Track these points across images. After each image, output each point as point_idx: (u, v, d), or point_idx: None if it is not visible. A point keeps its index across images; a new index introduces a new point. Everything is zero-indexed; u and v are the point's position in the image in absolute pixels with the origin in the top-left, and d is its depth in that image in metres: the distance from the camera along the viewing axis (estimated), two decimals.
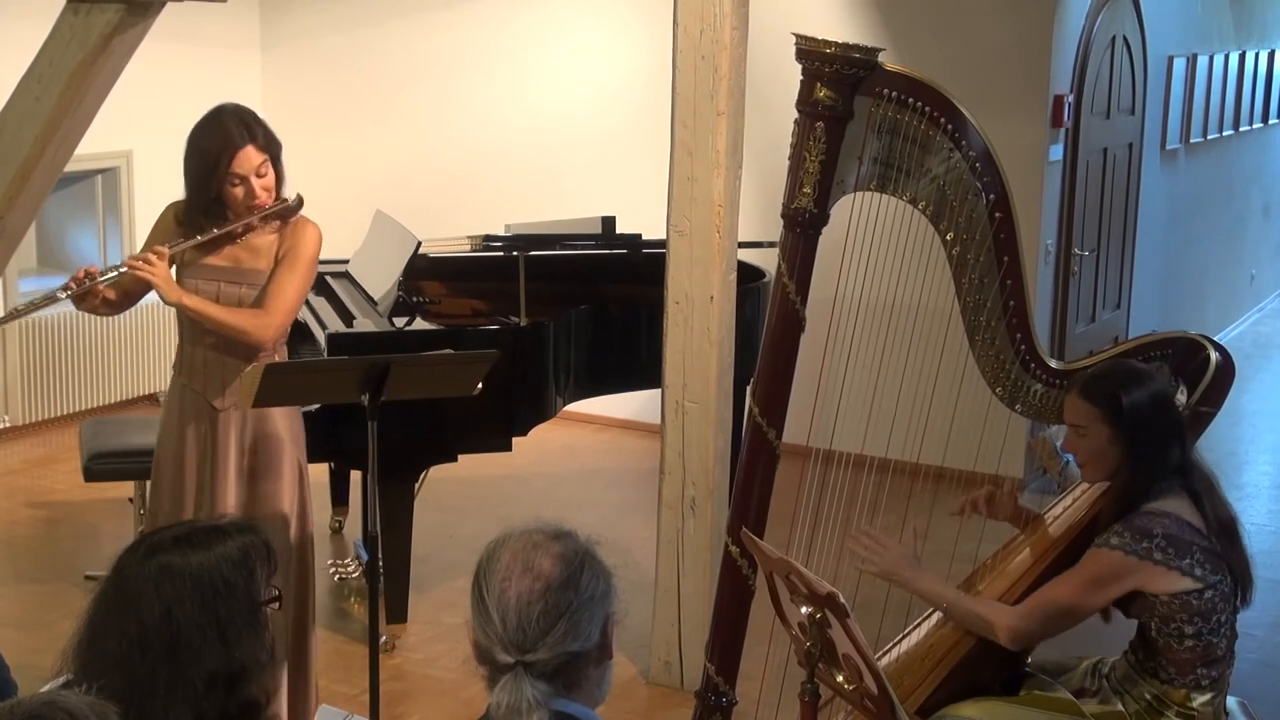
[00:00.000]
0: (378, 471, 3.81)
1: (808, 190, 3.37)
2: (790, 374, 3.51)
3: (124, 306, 3.91)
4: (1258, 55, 9.82)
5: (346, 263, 5.52)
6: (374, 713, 3.90)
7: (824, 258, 3.44)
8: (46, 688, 2.10)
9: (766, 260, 5.34)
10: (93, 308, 3.81)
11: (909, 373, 3.47)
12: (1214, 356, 3.45)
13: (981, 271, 3.36)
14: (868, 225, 3.30)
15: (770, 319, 3.54)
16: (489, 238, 5.34)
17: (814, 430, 3.53)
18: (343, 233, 3.96)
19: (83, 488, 5.61)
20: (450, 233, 5.55)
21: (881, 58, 3.35)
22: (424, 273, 5.54)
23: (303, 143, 3.83)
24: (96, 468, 5.01)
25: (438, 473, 5.12)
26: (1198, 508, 3.11)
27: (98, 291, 3.75)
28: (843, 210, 3.38)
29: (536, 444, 5.65)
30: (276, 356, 3.82)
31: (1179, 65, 8.21)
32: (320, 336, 4.87)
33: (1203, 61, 8.57)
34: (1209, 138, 8.94)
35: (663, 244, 4.52)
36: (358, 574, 5.32)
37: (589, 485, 6.70)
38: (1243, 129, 9.69)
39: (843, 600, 2.59)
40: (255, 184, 3.70)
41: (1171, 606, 3.06)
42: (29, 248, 7.46)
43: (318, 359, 4.68)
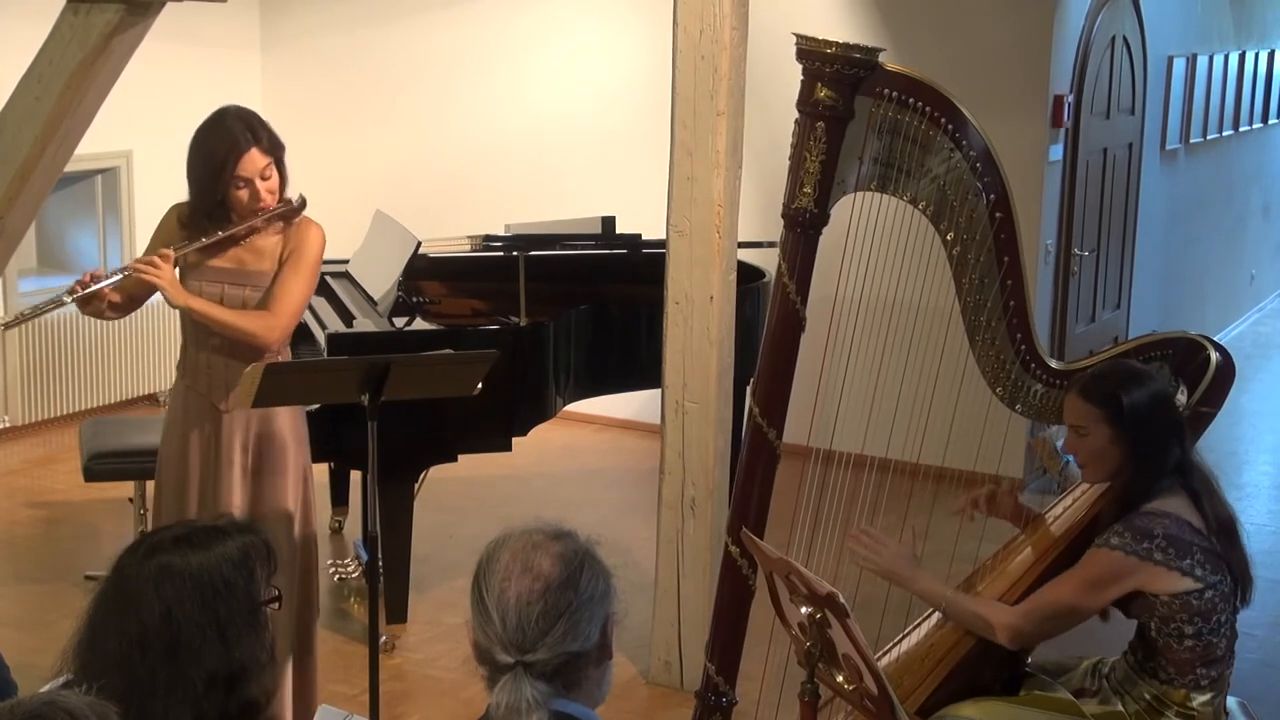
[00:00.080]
0: (378, 471, 3.81)
1: (808, 190, 3.37)
2: (790, 374, 3.51)
3: (128, 310, 3.90)
4: (1258, 55, 9.81)
5: (346, 263, 5.52)
6: (374, 713, 3.90)
7: (824, 258, 3.44)
8: (46, 688, 2.10)
9: (766, 260, 5.34)
10: (97, 311, 3.79)
11: (909, 373, 3.47)
12: (1214, 356, 3.45)
13: (982, 271, 3.36)
14: (868, 225, 3.30)
15: (770, 319, 3.54)
16: (489, 238, 5.33)
17: (814, 430, 3.53)
18: (343, 233, 3.96)
19: (83, 488, 5.61)
20: (450, 233, 5.55)
21: (882, 58, 3.35)
22: (424, 273, 5.54)
23: (303, 143, 3.83)
24: (96, 468, 5.01)
25: (438, 473, 5.11)
26: (1197, 507, 3.11)
27: (103, 295, 3.74)
28: (843, 210, 3.38)
29: (536, 444, 5.65)
30: (280, 357, 3.83)
31: (1179, 65, 8.21)
32: (320, 336, 4.87)
33: (1203, 61, 8.56)
34: (1209, 138, 8.93)
35: (663, 244, 4.52)
36: (358, 574, 5.32)
37: (589, 485, 6.70)
38: (1243, 129, 9.68)
39: (843, 600, 2.59)
40: (260, 186, 3.69)
41: (1171, 607, 3.06)
42: (29, 248, 7.46)
43: (318, 359, 4.68)
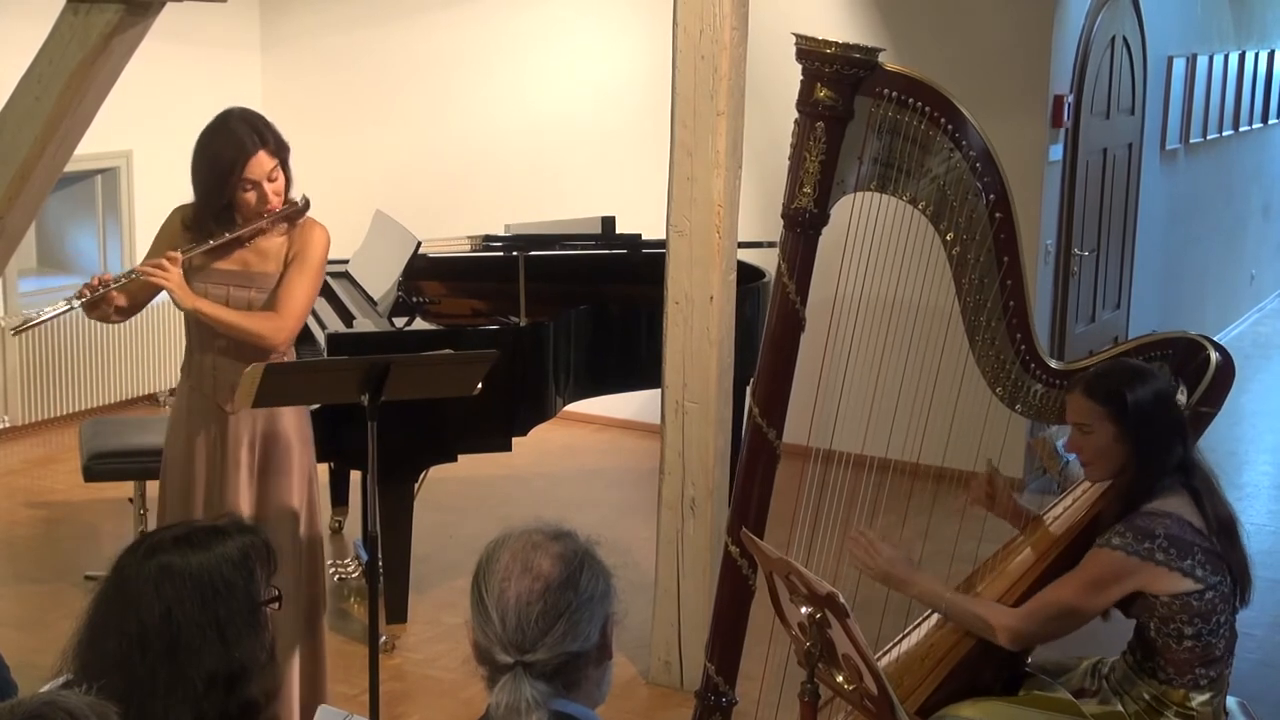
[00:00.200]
0: (378, 471, 3.81)
1: (808, 190, 3.37)
2: (790, 374, 3.51)
3: (132, 313, 3.90)
4: (1258, 55, 9.81)
5: (346, 263, 5.52)
6: (374, 713, 3.90)
7: (824, 258, 3.44)
8: (46, 688, 2.10)
9: (766, 260, 5.34)
10: (104, 315, 3.79)
11: (909, 373, 3.47)
12: (1214, 356, 3.45)
13: (981, 271, 3.36)
14: (868, 225, 3.30)
15: (770, 319, 3.54)
16: (489, 238, 5.33)
17: (814, 430, 3.53)
18: (343, 233, 3.96)
19: (83, 488, 5.61)
20: (450, 233, 5.55)
21: (881, 58, 3.35)
22: (424, 273, 5.54)
23: (303, 143, 3.83)
24: (96, 468, 5.01)
25: (438, 473, 5.11)
26: (1198, 507, 3.11)
27: (111, 299, 3.73)
28: (843, 210, 3.38)
29: (536, 444, 5.65)
30: (285, 358, 3.83)
31: (1179, 65, 8.21)
32: (320, 336, 4.87)
33: (1202, 61, 8.56)
34: (1209, 138, 8.93)
35: (663, 244, 4.51)
36: (358, 574, 5.32)
37: (589, 485, 6.70)
38: (1242, 129, 9.68)
39: (842, 600, 2.59)
40: (267, 188, 3.70)
41: (1172, 607, 3.06)
42: (29, 248, 7.46)
43: (318, 359, 4.68)
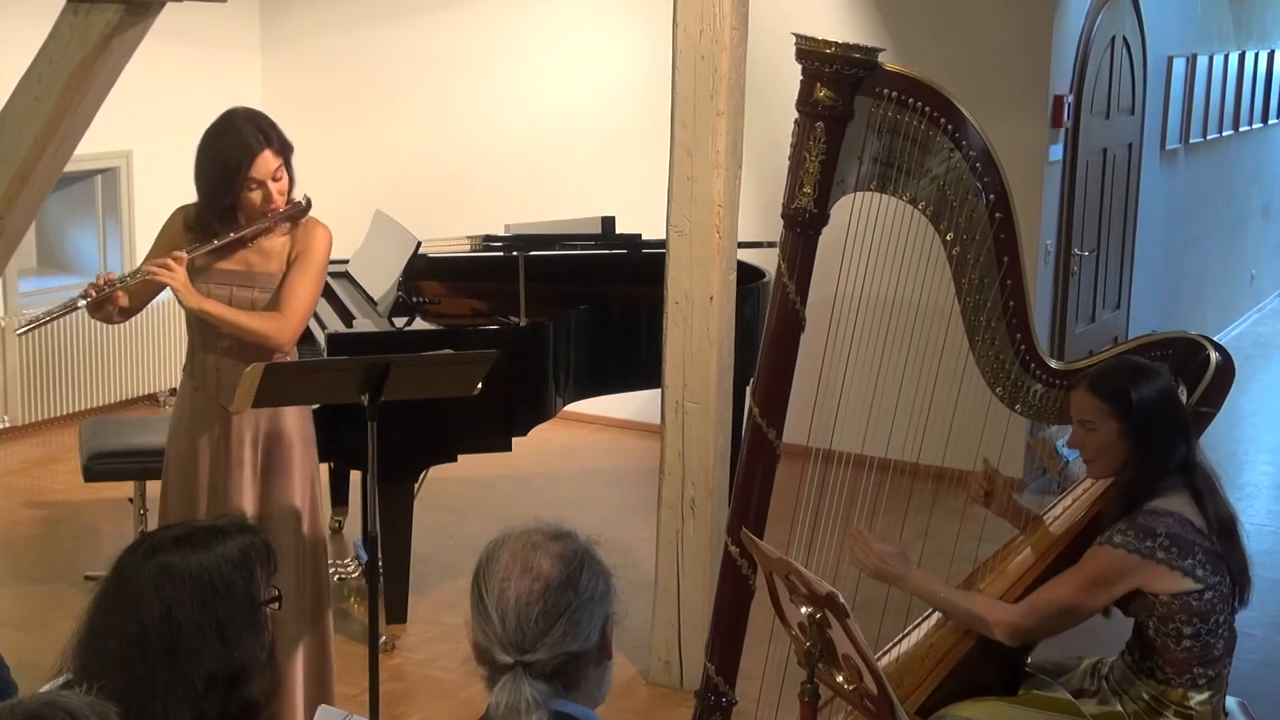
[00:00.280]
0: (377, 471, 3.81)
1: (808, 190, 3.37)
2: (790, 374, 3.51)
3: (133, 314, 3.89)
4: (1258, 55, 9.81)
5: (346, 263, 5.52)
6: (374, 713, 3.90)
7: (824, 258, 3.44)
8: (46, 688, 2.10)
9: (766, 260, 5.34)
10: (107, 316, 3.79)
11: (909, 373, 3.46)
12: (1214, 357, 3.45)
13: (981, 271, 3.36)
14: (868, 225, 3.30)
15: (770, 319, 3.54)
16: (489, 238, 5.33)
17: (814, 430, 3.53)
18: (343, 233, 3.96)
19: (83, 488, 5.61)
20: (450, 233, 5.55)
21: (881, 58, 3.35)
22: (424, 273, 5.54)
23: (303, 143, 3.83)
24: (96, 468, 5.01)
25: (438, 473, 5.11)
26: (1199, 507, 3.11)
27: (116, 299, 3.73)
28: (843, 210, 3.38)
29: (536, 444, 5.65)
30: (289, 358, 3.83)
31: (1179, 65, 8.21)
32: (320, 336, 4.87)
33: (1202, 61, 8.56)
34: (1209, 138, 8.93)
35: (663, 244, 4.51)
36: (357, 574, 5.31)
37: (589, 485, 6.70)
38: (1242, 129, 9.68)
39: (842, 600, 2.59)
40: (272, 188, 3.70)
41: (1171, 607, 3.06)
42: (29, 248, 7.46)
43: (318, 359, 4.67)
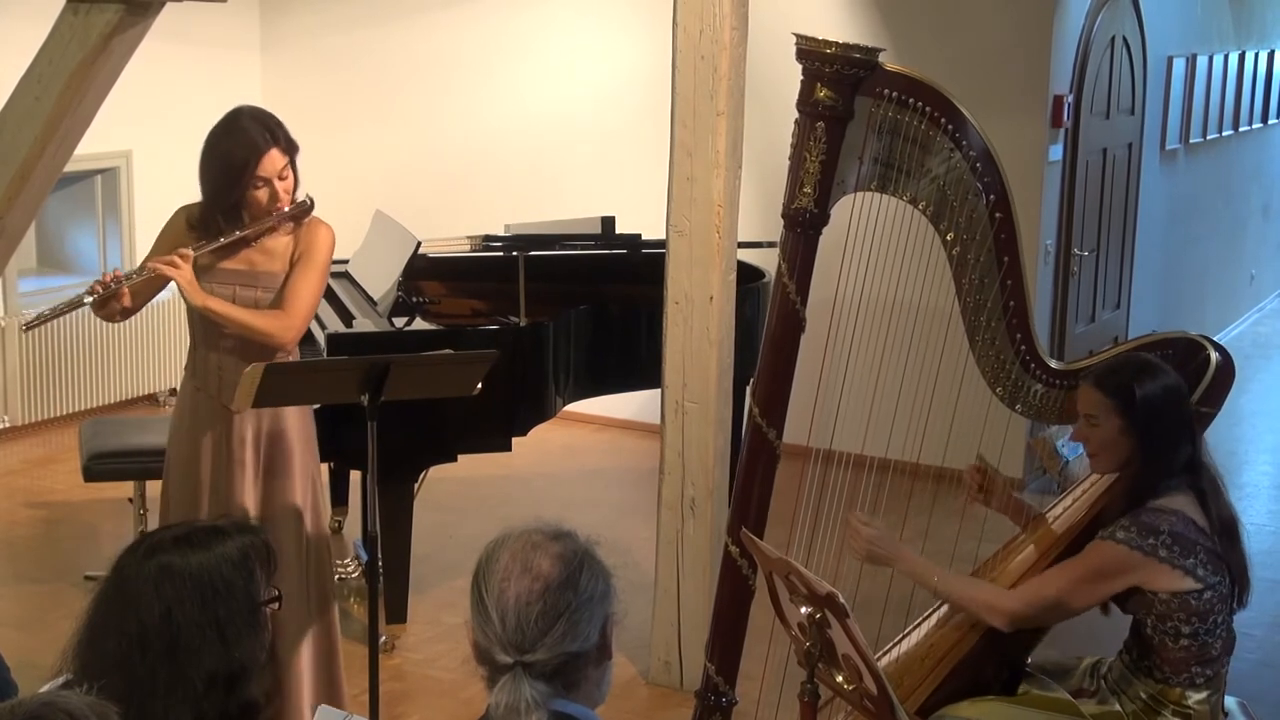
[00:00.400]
0: (377, 471, 3.81)
1: (808, 190, 3.37)
2: (790, 374, 3.51)
3: (133, 312, 3.89)
4: (1257, 55, 9.81)
5: (346, 263, 5.52)
6: (373, 713, 3.90)
7: (824, 258, 3.44)
8: (46, 688, 2.10)
9: (766, 260, 5.34)
10: (111, 314, 3.78)
11: (909, 373, 3.47)
12: (1214, 357, 3.45)
13: (982, 272, 3.36)
14: (868, 225, 3.30)
15: (770, 319, 3.54)
16: (489, 238, 5.33)
17: (814, 430, 3.53)
18: (343, 233, 3.96)
19: (82, 488, 5.61)
20: (450, 233, 5.55)
21: (881, 58, 3.35)
22: (424, 273, 5.54)
23: (302, 143, 3.83)
24: (96, 468, 5.01)
25: (438, 473, 5.11)
26: (1203, 508, 3.11)
27: (122, 295, 3.74)
28: (843, 210, 3.38)
29: (536, 444, 5.65)
30: (291, 358, 3.83)
31: (1179, 65, 8.21)
32: (320, 336, 4.87)
33: (1202, 61, 8.56)
34: (1209, 138, 8.93)
35: (663, 244, 4.51)
36: (357, 574, 5.31)
37: (589, 485, 6.70)
38: (1242, 129, 9.68)
39: (842, 600, 2.59)
40: (278, 186, 3.70)
41: (1170, 605, 3.06)
42: (29, 248, 7.46)
43: (318, 359, 4.68)
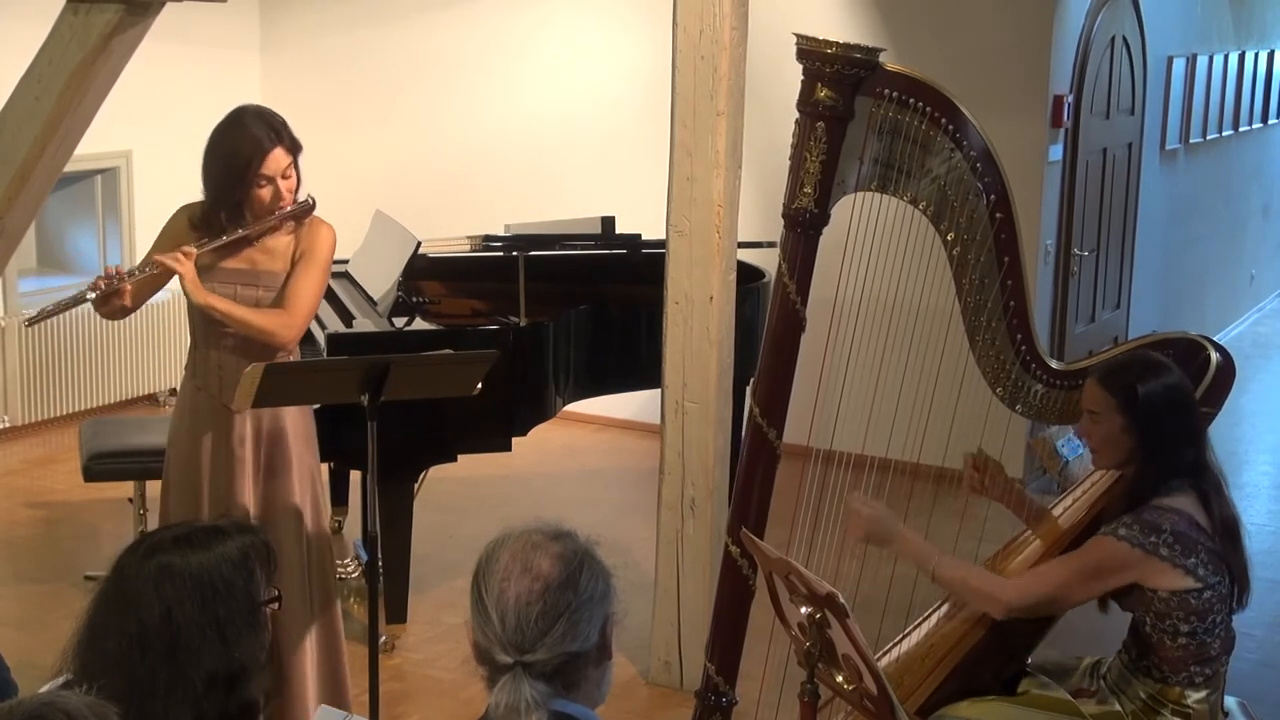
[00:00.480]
0: (377, 471, 3.81)
1: (808, 190, 3.37)
2: (790, 374, 3.51)
3: (132, 310, 3.90)
4: (1257, 55, 9.81)
5: (346, 263, 5.52)
6: (373, 713, 3.90)
7: (824, 258, 3.44)
8: (46, 688, 2.10)
9: (766, 260, 5.34)
10: (112, 311, 3.79)
11: (909, 373, 3.46)
12: (1214, 357, 3.45)
13: (982, 272, 3.36)
14: (868, 225, 3.30)
15: (770, 319, 3.54)
16: (489, 238, 5.33)
17: (814, 430, 3.53)
18: (343, 233, 3.96)
19: (82, 488, 5.61)
20: (450, 233, 5.55)
21: (882, 58, 3.35)
22: (424, 273, 5.54)
23: (303, 143, 3.83)
24: (96, 468, 5.01)
25: (438, 473, 5.11)
26: (1205, 508, 3.10)
27: (123, 292, 3.74)
28: (843, 210, 3.38)
29: (536, 444, 5.65)
30: (291, 357, 3.83)
31: (1179, 65, 8.21)
32: (320, 336, 4.87)
33: (1202, 62, 8.56)
34: (1208, 138, 8.93)
35: (663, 244, 4.51)
36: (357, 574, 5.31)
37: (589, 485, 6.70)
38: (1242, 129, 9.68)
39: (842, 600, 2.59)
40: (281, 185, 3.71)
41: (1169, 603, 3.06)
42: (29, 248, 7.46)
43: (318, 359, 4.68)
